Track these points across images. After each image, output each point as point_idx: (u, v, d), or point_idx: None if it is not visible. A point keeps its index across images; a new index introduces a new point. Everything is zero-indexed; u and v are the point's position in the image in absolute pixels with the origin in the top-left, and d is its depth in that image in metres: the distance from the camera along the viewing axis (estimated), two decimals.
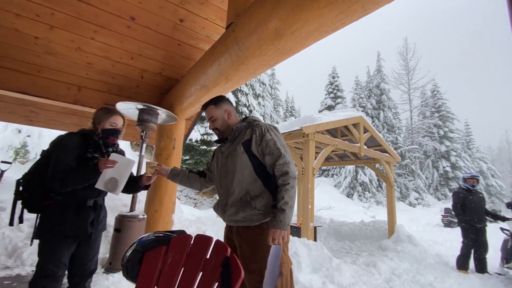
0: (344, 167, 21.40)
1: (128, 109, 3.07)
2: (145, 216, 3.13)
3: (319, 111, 25.11)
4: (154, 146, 3.64)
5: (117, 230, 2.93)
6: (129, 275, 1.19)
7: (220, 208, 1.56)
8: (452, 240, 7.48)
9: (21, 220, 1.61)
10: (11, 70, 2.75)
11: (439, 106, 25.97)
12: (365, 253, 5.39)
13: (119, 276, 2.78)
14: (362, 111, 23.97)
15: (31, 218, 3.49)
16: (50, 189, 1.55)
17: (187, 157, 13.55)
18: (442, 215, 12.76)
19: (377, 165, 8.23)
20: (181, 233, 1.29)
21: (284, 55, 1.72)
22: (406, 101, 26.53)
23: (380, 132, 23.11)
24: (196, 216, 7.18)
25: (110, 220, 3.32)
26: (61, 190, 1.55)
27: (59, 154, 1.57)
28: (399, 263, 4.45)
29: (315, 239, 5.14)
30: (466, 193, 4.55)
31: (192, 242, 1.19)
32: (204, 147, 13.68)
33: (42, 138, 9.78)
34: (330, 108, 25.62)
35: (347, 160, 8.39)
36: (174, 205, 3.46)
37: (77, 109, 3.31)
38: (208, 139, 13.73)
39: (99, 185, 1.62)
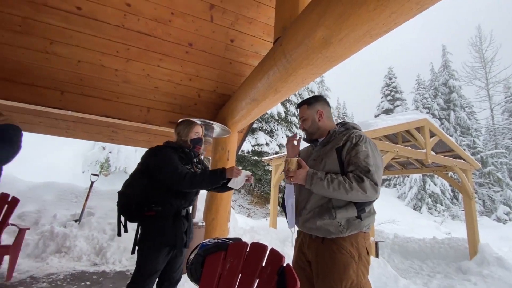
0: (408, 176, 19.23)
1: None
2: (204, 224, 3.35)
3: (375, 116, 23.38)
4: (210, 158, 3.92)
5: None
6: (192, 277, 1.30)
7: (296, 212, 1.47)
8: None
9: (126, 229, 1.72)
10: (97, 98, 3.34)
11: None
12: (439, 275, 4.70)
13: (183, 278, 3.01)
14: (427, 112, 21.44)
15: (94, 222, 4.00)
16: (177, 188, 1.66)
17: (240, 168, 14.04)
18: None
19: (450, 173, 7.19)
20: (237, 240, 1.36)
21: (332, 63, 1.71)
22: (484, 98, 22.80)
23: (451, 136, 20.23)
24: (249, 225, 7.33)
25: None
26: (190, 189, 1.67)
27: (168, 161, 1.68)
28: None
29: (376, 255, 4.71)
30: None
31: (248, 250, 1.24)
32: (255, 157, 14.00)
33: (120, 153, 11.40)
34: (388, 111, 23.65)
35: (412, 168, 7.55)
36: (229, 214, 3.62)
37: (146, 127, 3.81)
38: (258, 150, 14.03)
39: (233, 185, 1.81)
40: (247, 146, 13.84)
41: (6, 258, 2.85)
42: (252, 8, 2.92)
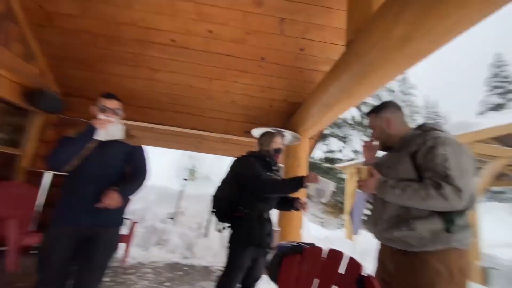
0: None
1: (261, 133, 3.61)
2: (279, 229, 3.44)
3: (479, 113, 19.23)
4: (282, 165, 4.02)
5: None
6: (271, 277, 1.39)
7: (372, 221, 1.41)
8: None
9: (219, 230, 1.94)
10: (187, 113, 3.92)
11: None
12: None
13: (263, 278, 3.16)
14: None
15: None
16: (260, 193, 1.79)
17: (318, 176, 13.72)
18: None
19: None
20: (312, 245, 1.38)
21: (413, 60, 1.57)
22: None
23: None
24: (324, 235, 7.05)
25: None
26: (271, 194, 1.81)
27: (252, 169, 1.85)
28: None
29: (484, 284, 3.83)
30: None
31: (324, 255, 1.24)
32: (328, 165, 13.45)
33: (203, 161, 12.88)
34: (497, 107, 19.13)
35: None
36: (301, 220, 3.61)
37: (225, 137, 4.22)
38: (331, 157, 13.45)
39: (312, 192, 1.81)
40: (319, 153, 13.47)
41: (122, 246, 3.56)
42: (322, 15, 2.92)
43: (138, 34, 3.16)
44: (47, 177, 3.57)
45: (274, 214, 4.19)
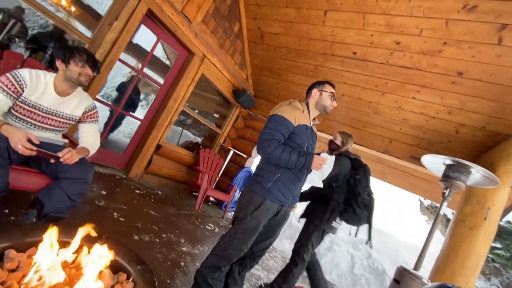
0: None
1: (434, 163, 2.99)
2: (429, 283, 2.74)
3: None
4: (454, 211, 3.14)
5: (396, 281, 2.87)
6: None
7: None
8: None
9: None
10: (347, 125, 3.92)
11: None
12: None
13: None
14: None
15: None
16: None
17: (498, 245, 9.64)
18: None
19: None
20: None
21: None
22: None
23: None
24: None
25: (390, 270, 3.30)
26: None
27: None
28: None
29: None
30: None
31: None
32: None
33: None
34: None
35: None
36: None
37: (383, 158, 3.85)
38: None
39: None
40: None
41: None
42: None
43: (323, 48, 3.53)
44: (231, 154, 4.77)
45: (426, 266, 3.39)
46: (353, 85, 3.61)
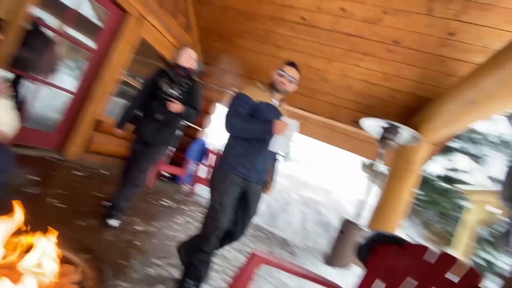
0: None
1: (373, 126, 3.32)
2: (368, 230, 3.21)
3: None
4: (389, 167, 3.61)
5: (341, 231, 3.29)
6: (359, 256, 1.35)
7: None
8: None
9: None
10: (299, 94, 4.02)
11: None
12: None
13: (340, 270, 3.10)
14: None
15: None
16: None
17: (420, 192, 11.67)
18: None
19: None
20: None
21: None
22: None
23: None
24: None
25: (337, 224, 3.74)
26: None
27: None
28: None
29: None
30: None
31: (429, 257, 1.11)
32: (445, 184, 11.05)
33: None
34: None
35: None
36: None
37: (330, 123, 4.12)
38: (452, 176, 10.93)
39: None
40: (436, 168, 11.20)
41: None
42: None
43: (273, 11, 3.41)
44: None
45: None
46: (303, 52, 3.64)
